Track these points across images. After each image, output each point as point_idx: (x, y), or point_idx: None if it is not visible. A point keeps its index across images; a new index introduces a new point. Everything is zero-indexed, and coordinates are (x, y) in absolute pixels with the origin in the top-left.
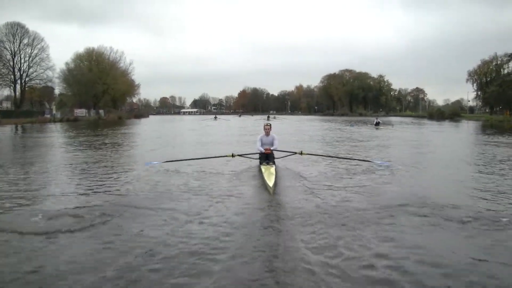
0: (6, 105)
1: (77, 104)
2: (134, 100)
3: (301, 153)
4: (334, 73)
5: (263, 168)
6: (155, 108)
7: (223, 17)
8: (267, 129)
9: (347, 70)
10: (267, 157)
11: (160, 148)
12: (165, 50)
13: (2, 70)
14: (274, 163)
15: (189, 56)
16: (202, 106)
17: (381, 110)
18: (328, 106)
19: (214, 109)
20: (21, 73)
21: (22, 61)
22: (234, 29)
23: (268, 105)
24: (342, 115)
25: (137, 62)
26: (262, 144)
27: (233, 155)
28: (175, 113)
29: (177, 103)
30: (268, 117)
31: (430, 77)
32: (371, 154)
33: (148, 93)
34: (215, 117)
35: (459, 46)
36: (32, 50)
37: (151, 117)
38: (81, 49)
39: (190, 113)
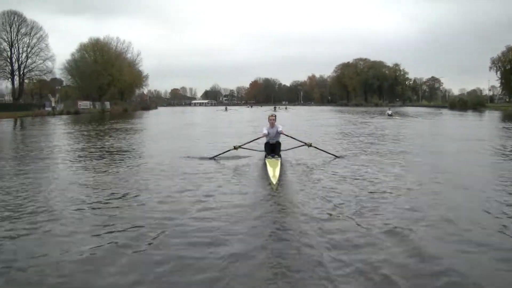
0: (9, 98)
1: (81, 96)
2: (145, 91)
3: (310, 145)
4: (348, 62)
5: (268, 161)
6: (166, 99)
7: (234, 8)
8: (272, 120)
9: (361, 59)
10: (273, 150)
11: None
12: (176, 41)
13: (1, 61)
14: (280, 156)
15: (200, 47)
16: (213, 97)
17: (397, 100)
18: (342, 96)
19: (225, 100)
20: (19, 64)
21: (20, 51)
22: (246, 20)
23: (281, 95)
24: (357, 105)
25: (148, 54)
26: (268, 137)
27: (235, 147)
28: (186, 105)
29: (188, 94)
30: (275, 108)
31: (445, 66)
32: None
33: (159, 84)
34: (226, 108)
35: (475, 34)
36: (31, 40)
37: (160, 108)
38: (86, 39)
39: (201, 104)
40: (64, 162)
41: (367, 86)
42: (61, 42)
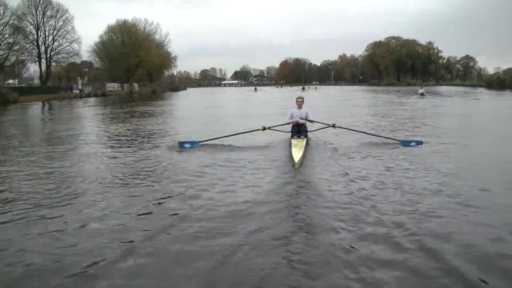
0: (37, 81)
1: (109, 78)
2: (174, 72)
3: (333, 126)
4: (380, 41)
5: (293, 141)
6: (195, 80)
7: None
8: (299, 102)
9: (393, 37)
10: (299, 131)
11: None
12: (206, 22)
13: (26, 44)
14: (306, 136)
15: (230, 27)
16: (243, 77)
17: (431, 79)
18: (374, 76)
19: (255, 80)
20: (46, 46)
21: (47, 34)
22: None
23: (311, 75)
24: (389, 84)
25: (177, 35)
26: (293, 118)
27: (264, 128)
28: (215, 85)
29: (218, 75)
30: (303, 88)
31: (480, 45)
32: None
33: (189, 66)
34: (255, 89)
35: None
36: (57, 22)
37: (189, 89)
38: (113, 21)
39: (230, 85)
40: (76, 145)
41: (400, 65)
42: (90, 25)
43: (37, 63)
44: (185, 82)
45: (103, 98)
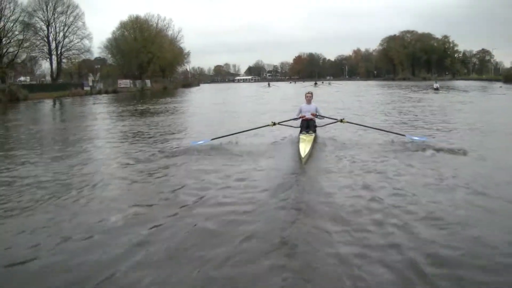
0: (49, 78)
1: (121, 75)
2: (188, 68)
3: (341, 121)
4: (394, 35)
5: (301, 136)
6: (210, 76)
7: None
8: (309, 97)
9: (408, 32)
10: (307, 126)
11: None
12: (220, 18)
13: (36, 41)
14: (315, 131)
15: (243, 23)
16: (257, 73)
17: (446, 73)
18: (388, 71)
19: (269, 76)
20: (57, 43)
21: (57, 30)
22: None
23: (325, 70)
24: (404, 79)
25: (191, 31)
26: (302, 113)
27: (273, 124)
28: (229, 81)
29: (232, 71)
30: (315, 83)
31: (495, 38)
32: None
33: (203, 61)
34: (269, 84)
35: None
36: (67, 18)
37: (203, 85)
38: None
39: (244, 81)
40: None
41: (415, 60)
42: (102, 21)
43: (48, 60)
44: (198, 78)
45: (114, 95)
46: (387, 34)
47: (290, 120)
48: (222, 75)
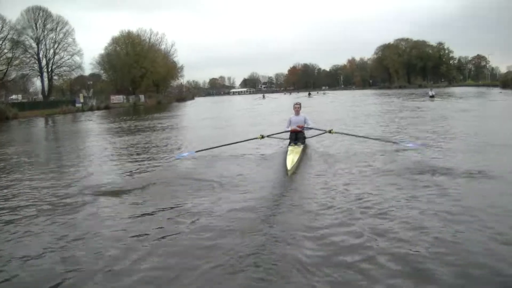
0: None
1: (115, 90)
2: (183, 82)
3: (330, 132)
4: (389, 43)
5: (290, 148)
6: (205, 89)
7: None
8: (297, 108)
9: (402, 39)
10: (296, 138)
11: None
12: (214, 32)
13: (26, 59)
14: (303, 143)
15: (238, 36)
16: (252, 85)
17: (442, 80)
18: (384, 79)
19: (264, 87)
20: (47, 60)
21: (47, 47)
22: (282, 5)
23: (320, 81)
24: (400, 87)
25: (184, 45)
26: (291, 124)
27: (262, 137)
28: (224, 94)
29: (227, 83)
30: (309, 94)
31: (490, 44)
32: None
33: (197, 75)
34: (263, 96)
35: None
36: (57, 35)
37: (197, 99)
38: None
39: (240, 93)
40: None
41: (410, 67)
42: (93, 37)
43: (39, 77)
44: (193, 91)
45: (105, 111)
46: (382, 42)
47: (279, 133)
48: (217, 88)
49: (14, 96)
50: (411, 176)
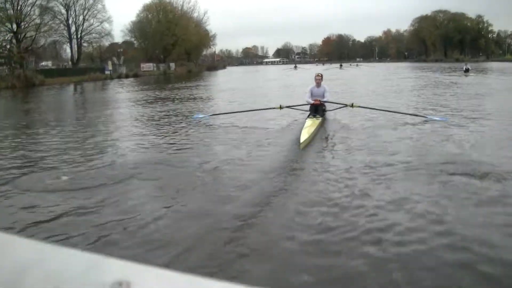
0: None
1: (145, 58)
2: (216, 51)
3: (352, 106)
4: (426, 15)
5: (307, 121)
6: (238, 58)
7: None
8: (318, 79)
9: (440, 11)
10: (316, 110)
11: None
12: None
13: (55, 25)
14: (323, 115)
15: (273, 4)
16: (285, 55)
17: (480, 54)
18: (420, 52)
19: (297, 58)
20: (76, 26)
21: (77, 13)
22: None
23: (354, 52)
24: (436, 61)
25: (220, 12)
26: (312, 96)
27: (281, 107)
28: (257, 63)
29: (260, 53)
30: (341, 65)
31: None
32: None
33: (231, 44)
34: (295, 67)
35: None
36: (87, 1)
37: (230, 68)
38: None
39: (272, 63)
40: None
41: (447, 40)
42: (124, 5)
43: (68, 44)
44: (226, 60)
45: (134, 79)
46: (419, 13)
47: (299, 105)
48: (251, 57)
49: (44, 63)
50: (438, 158)
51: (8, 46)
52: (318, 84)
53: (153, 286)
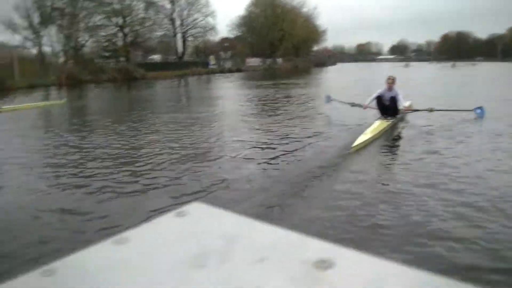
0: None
1: (251, 53)
2: (327, 46)
3: (431, 110)
4: None
5: (376, 122)
6: (350, 55)
7: None
8: (390, 82)
9: None
10: (385, 111)
11: None
12: None
13: (159, 20)
14: (395, 117)
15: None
16: (400, 52)
17: None
18: None
19: (414, 55)
20: (182, 20)
21: (182, 8)
22: None
23: (474, 50)
24: None
25: (331, 6)
26: (383, 100)
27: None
28: (370, 60)
29: (373, 50)
30: (453, 64)
31: None
32: None
33: (344, 40)
34: (406, 65)
35: None
36: None
37: (341, 64)
38: None
39: (386, 60)
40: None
41: None
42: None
43: (174, 37)
44: (339, 56)
45: (237, 74)
46: None
47: (369, 104)
48: (364, 54)
49: (153, 57)
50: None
51: (114, 40)
52: (390, 88)
53: (356, 268)
